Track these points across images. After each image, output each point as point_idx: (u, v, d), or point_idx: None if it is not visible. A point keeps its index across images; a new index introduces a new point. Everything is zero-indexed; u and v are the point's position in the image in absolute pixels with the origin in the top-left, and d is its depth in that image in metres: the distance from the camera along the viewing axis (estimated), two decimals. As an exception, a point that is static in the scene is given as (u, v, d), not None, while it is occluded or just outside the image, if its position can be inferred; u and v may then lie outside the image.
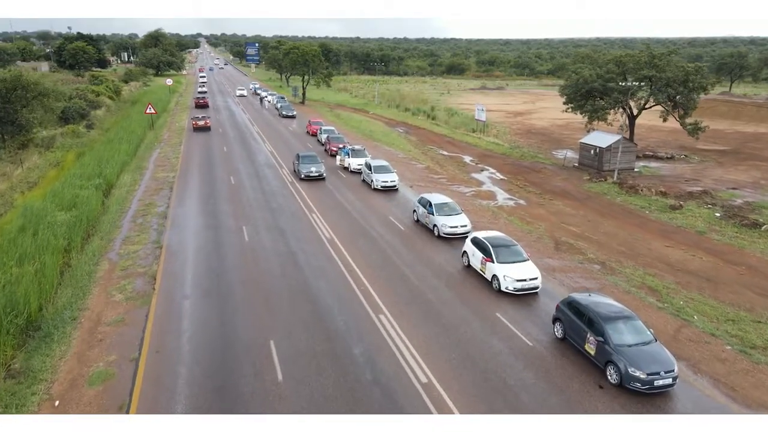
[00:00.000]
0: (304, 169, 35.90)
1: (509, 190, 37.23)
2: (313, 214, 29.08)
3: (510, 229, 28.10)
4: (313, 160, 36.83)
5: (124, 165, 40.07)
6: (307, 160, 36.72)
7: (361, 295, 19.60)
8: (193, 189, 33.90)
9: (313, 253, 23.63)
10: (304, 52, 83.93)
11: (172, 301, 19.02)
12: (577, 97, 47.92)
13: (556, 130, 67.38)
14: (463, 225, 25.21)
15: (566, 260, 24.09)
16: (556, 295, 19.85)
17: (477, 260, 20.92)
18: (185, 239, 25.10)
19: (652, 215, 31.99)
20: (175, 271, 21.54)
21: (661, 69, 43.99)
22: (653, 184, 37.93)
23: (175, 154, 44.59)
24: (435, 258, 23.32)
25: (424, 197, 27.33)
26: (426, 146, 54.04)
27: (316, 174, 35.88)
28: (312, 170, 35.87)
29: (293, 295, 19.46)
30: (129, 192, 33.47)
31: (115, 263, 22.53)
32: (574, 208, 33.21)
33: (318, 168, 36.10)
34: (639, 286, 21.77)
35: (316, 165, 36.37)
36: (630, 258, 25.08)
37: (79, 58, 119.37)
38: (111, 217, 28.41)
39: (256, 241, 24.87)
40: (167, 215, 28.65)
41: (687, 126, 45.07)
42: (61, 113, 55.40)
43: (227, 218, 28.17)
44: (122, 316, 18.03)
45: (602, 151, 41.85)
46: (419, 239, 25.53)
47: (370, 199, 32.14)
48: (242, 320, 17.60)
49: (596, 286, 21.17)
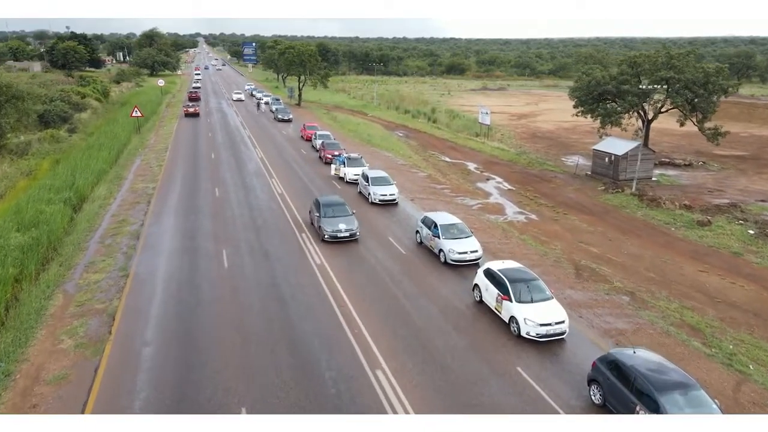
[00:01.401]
0: (328, 226, 24.42)
1: (519, 203, 34.20)
2: (303, 233, 26.01)
3: (524, 250, 25.08)
4: (340, 210, 25.40)
5: (101, 174, 36.99)
6: (331, 211, 25.18)
7: (354, 341, 16.54)
8: (173, 203, 30.82)
9: (301, 284, 20.56)
10: (300, 52, 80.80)
11: (129, 349, 15.95)
12: (588, 100, 44.95)
13: (563, 133, 64.39)
14: (473, 250, 22.13)
15: (590, 291, 21.05)
16: (586, 341, 16.83)
17: (491, 296, 17.86)
18: (156, 265, 22.03)
19: (678, 232, 28.97)
20: (138, 307, 18.47)
21: (680, 70, 40.97)
22: (675, 196, 34.92)
23: (159, 162, 41.51)
24: (441, 290, 20.25)
25: (428, 217, 24.25)
26: (427, 152, 51.01)
27: (347, 234, 24.42)
28: (341, 229, 24.34)
29: (274, 343, 16.38)
30: (102, 206, 30.38)
31: (71, 297, 19.45)
32: (592, 224, 30.20)
33: (348, 224, 24.59)
34: (678, 324, 18.75)
35: (346, 219, 24.87)
36: (662, 286, 22.07)
37: (70, 58, 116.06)
38: (76, 238, 25.33)
39: (237, 268, 21.80)
40: (140, 235, 25.58)
41: (706, 131, 42.16)
42: (41, 117, 52.36)
43: (207, 239, 25.09)
44: (67, 371, 14.95)
45: (618, 159, 38.83)
46: (423, 266, 22.45)
47: (367, 215, 29.09)
48: (209, 379, 14.51)
49: (631, 326, 18.13)
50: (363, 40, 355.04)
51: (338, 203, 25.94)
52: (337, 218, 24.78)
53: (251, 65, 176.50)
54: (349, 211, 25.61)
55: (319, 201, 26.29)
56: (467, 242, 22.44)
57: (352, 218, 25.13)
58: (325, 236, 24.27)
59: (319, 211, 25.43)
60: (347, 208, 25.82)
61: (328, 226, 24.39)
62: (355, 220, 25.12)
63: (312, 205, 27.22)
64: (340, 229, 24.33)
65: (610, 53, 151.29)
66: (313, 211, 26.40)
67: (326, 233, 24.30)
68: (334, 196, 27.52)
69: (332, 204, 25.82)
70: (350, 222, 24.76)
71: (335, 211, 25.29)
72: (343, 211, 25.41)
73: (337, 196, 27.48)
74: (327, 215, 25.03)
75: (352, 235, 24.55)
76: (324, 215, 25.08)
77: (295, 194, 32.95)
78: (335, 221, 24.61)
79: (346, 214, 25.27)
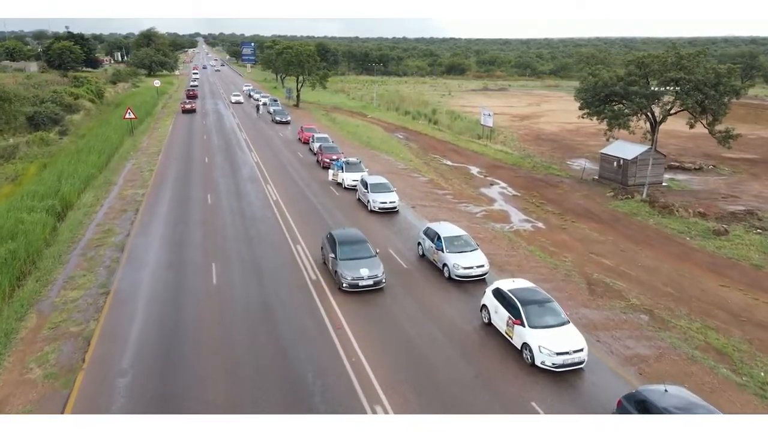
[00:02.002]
0: (347, 271, 19.56)
1: (525, 210, 32.73)
2: (298, 245, 24.52)
3: (532, 263, 23.61)
4: (361, 250, 20.69)
5: (89, 180, 35.47)
6: (350, 251, 20.49)
7: (351, 370, 15.05)
8: (162, 211, 29.34)
9: (294, 304, 19.07)
10: (298, 52, 79.25)
11: (102, 380, 14.46)
12: (595, 101, 43.45)
13: (567, 135, 62.88)
14: (480, 265, 20.64)
15: (605, 309, 19.58)
16: (606, 371, 15.35)
17: (501, 319, 16.37)
18: (139, 282, 20.55)
19: (694, 242, 27.50)
20: (117, 330, 16.99)
21: (690, 71, 39.47)
22: (688, 203, 33.45)
23: (150, 166, 40.01)
24: (446, 310, 18.76)
25: (431, 228, 22.75)
26: (428, 155, 49.54)
27: (370, 282, 19.59)
28: (362, 275, 19.49)
29: (263, 375, 14.86)
30: (87, 215, 28.90)
31: (46, 317, 17.98)
32: (602, 233, 28.74)
33: (373, 269, 19.81)
34: (703, 347, 17.29)
35: (369, 262, 20.08)
36: (681, 303, 20.60)
37: (66, 58, 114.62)
38: (57, 249, 23.85)
39: (226, 285, 20.32)
40: (125, 247, 24.09)
41: (716, 133, 40.68)
42: (30, 119, 50.90)
43: (195, 251, 23.61)
44: (32, 407, 13.47)
45: (627, 163, 37.36)
46: (426, 282, 20.95)
47: (365, 225, 27.62)
48: (191, 415, 13.04)
49: (653, 352, 16.65)
50: (363, 40, 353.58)
51: (358, 240, 21.31)
52: (357, 261, 19.95)
53: (250, 65, 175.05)
54: (371, 250, 20.94)
55: (334, 237, 21.28)
56: (473, 256, 20.94)
57: (376, 261, 20.41)
58: (343, 284, 19.53)
59: (335, 251, 20.52)
60: (369, 246, 21.11)
61: (346, 272, 19.55)
62: (380, 263, 20.44)
63: (324, 240, 22.23)
64: (362, 276, 19.45)
65: (612, 53, 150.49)
66: (327, 249, 21.53)
67: (344, 281, 19.50)
68: (352, 230, 22.62)
69: (351, 241, 21.07)
70: (374, 266, 20.01)
71: (355, 250, 20.52)
72: (364, 251, 20.68)
73: (355, 231, 22.58)
74: (345, 256, 20.17)
75: (377, 282, 19.72)
76: (341, 256, 20.18)
77: (290, 201, 31.46)
78: (355, 265, 19.74)
79: (368, 255, 20.53)
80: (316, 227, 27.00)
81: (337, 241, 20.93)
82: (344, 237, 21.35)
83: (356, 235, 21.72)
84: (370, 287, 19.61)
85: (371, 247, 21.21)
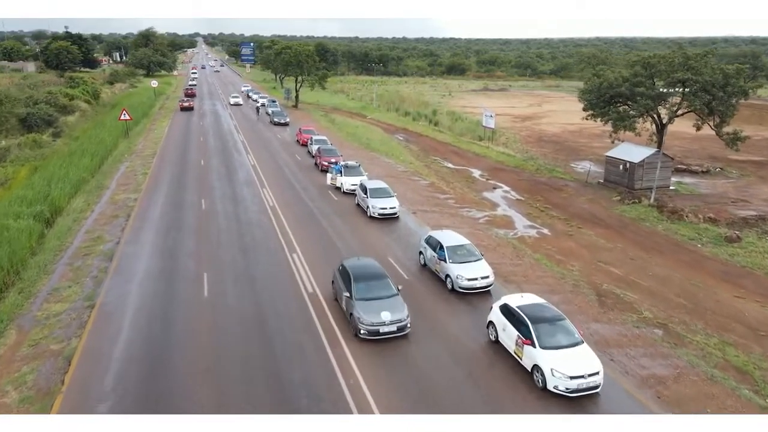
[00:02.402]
0: (365, 314, 16.28)
1: (529, 215, 31.74)
2: (294, 253, 23.50)
3: (538, 273, 22.63)
4: (381, 287, 17.40)
5: (80, 184, 34.47)
6: (366, 288, 17.19)
7: (348, 394, 14.03)
8: (155, 217, 28.33)
9: (290, 316, 18.08)
10: (297, 52, 78.18)
11: (81, 406, 13.44)
12: (599, 103, 42.49)
13: (569, 137, 61.91)
14: (484, 276, 19.63)
15: (617, 324, 18.59)
16: (622, 394, 14.34)
17: (509, 338, 15.35)
18: (127, 293, 19.55)
19: (705, 249, 26.52)
20: (100, 349, 15.98)
21: (697, 71, 38.52)
22: (697, 207, 32.46)
23: (145, 169, 39.00)
24: (450, 325, 17.76)
25: (433, 237, 21.73)
26: (429, 157, 48.56)
27: (393, 327, 16.32)
28: (383, 320, 16.21)
29: (255, 398, 13.89)
30: (77, 221, 27.90)
31: (26, 334, 16.98)
32: (610, 240, 27.75)
33: (395, 311, 16.52)
34: (722, 365, 16.31)
35: (391, 303, 16.79)
36: (696, 316, 19.63)
37: (63, 58, 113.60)
38: (43, 258, 22.85)
39: (218, 297, 19.32)
40: (114, 255, 23.08)
41: (724, 135, 39.71)
42: (23, 120, 49.89)
43: (187, 260, 22.61)
44: (4, 436, 12.48)
45: (634, 166, 36.35)
46: (428, 295, 19.93)
47: (364, 231, 26.66)
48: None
49: (670, 372, 15.64)
50: (362, 40, 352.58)
51: (377, 274, 17.91)
52: (377, 302, 16.67)
53: (249, 65, 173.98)
54: (393, 287, 17.50)
55: (347, 271, 17.89)
56: (477, 267, 19.93)
57: (398, 300, 17.05)
58: (361, 331, 16.21)
59: (349, 289, 17.15)
60: (390, 283, 17.70)
61: (365, 315, 16.20)
62: (404, 304, 17.07)
63: (335, 274, 18.88)
64: (383, 321, 16.16)
65: (612, 53, 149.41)
66: (339, 286, 18.11)
67: (362, 327, 16.14)
68: (369, 261, 19.02)
69: (368, 276, 17.62)
70: (397, 307, 16.70)
71: (373, 288, 17.18)
72: (385, 289, 17.31)
73: (372, 261, 19.07)
74: (362, 295, 16.85)
75: (402, 328, 16.45)
76: (357, 296, 16.85)
77: (287, 206, 30.45)
78: (375, 307, 16.43)
79: (389, 293, 17.17)
80: (311, 234, 26.04)
81: (352, 276, 17.50)
82: (360, 271, 17.86)
83: (374, 269, 18.33)
84: (392, 334, 16.33)
85: (392, 283, 17.85)
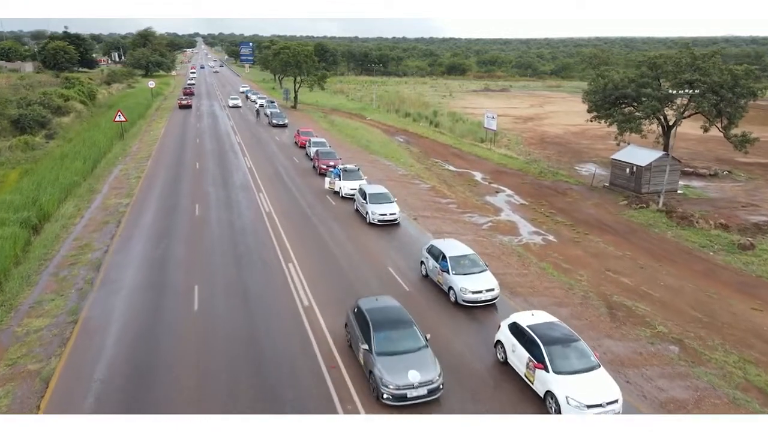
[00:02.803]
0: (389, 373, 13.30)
1: (534, 220, 30.73)
2: (290, 263, 22.47)
3: (546, 284, 21.62)
4: (407, 338, 14.36)
5: (71, 188, 33.47)
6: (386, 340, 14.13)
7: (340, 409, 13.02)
8: (146, 223, 27.33)
9: (283, 332, 17.07)
10: (295, 52, 77.13)
11: (57, 435, 12.45)
12: (604, 104, 41.52)
13: (572, 138, 60.93)
14: (489, 288, 18.62)
15: (631, 340, 17.58)
16: (639, 421, 13.31)
17: (519, 360, 14.28)
18: (113, 308, 18.53)
19: (718, 257, 25.52)
20: (80, 369, 14.97)
21: (705, 72, 37.55)
22: (707, 212, 31.47)
23: (138, 173, 37.99)
24: (454, 342, 16.73)
25: (435, 246, 20.71)
26: (430, 159, 47.57)
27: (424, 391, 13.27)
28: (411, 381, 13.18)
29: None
30: (65, 227, 26.91)
31: (3, 352, 15.97)
32: (618, 247, 26.75)
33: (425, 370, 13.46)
34: (744, 386, 15.32)
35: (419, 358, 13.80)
36: (712, 330, 18.63)
37: (60, 59, 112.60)
38: (27, 268, 21.83)
39: (209, 312, 18.31)
40: (101, 265, 22.07)
41: (732, 137, 38.73)
42: (16, 122, 48.90)
43: (178, 271, 21.59)
44: (-29, 470, 11.47)
45: (641, 170, 35.34)
46: (430, 308, 18.91)
47: (363, 239, 25.64)
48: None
49: (690, 395, 14.63)
50: (362, 40, 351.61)
51: (400, 320, 14.76)
52: (403, 357, 13.64)
53: (248, 66, 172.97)
54: (420, 337, 14.35)
55: (365, 315, 14.79)
56: (482, 278, 18.92)
57: (427, 354, 13.98)
58: (384, 395, 13.15)
59: (368, 339, 14.06)
60: (417, 331, 14.49)
61: (388, 375, 13.18)
62: (435, 359, 14.01)
63: (349, 316, 15.71)
64: (411, 383, 13.08)
65: (613, 53, 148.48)
66: (355, 334, 15.01)
67: (386, 391, 13.10)
68: (389, 302, 15.82)
69: (390, 322, 14.51)
70: (427, 364, 13.55)
71: (397, 338, 14.04)
72: (411, 340, 14.16)
73: (392, 302, 15.84)
74: (383, 349, 13.79)
75: (433, 391, 13.31)
76: (378, 349, 13.78)
77: (284, 213, 29.44)
78: (401, 364, 13.37)
79: (416, 346, 14.09)
80: (308, 243, 25.04)
81: (371, 323, 14.34)
82: (380, 316, 14.68)
83: (397, 312, 15.12)
84: (422, 398, 13.22)
85: (419, 331, 14.51)
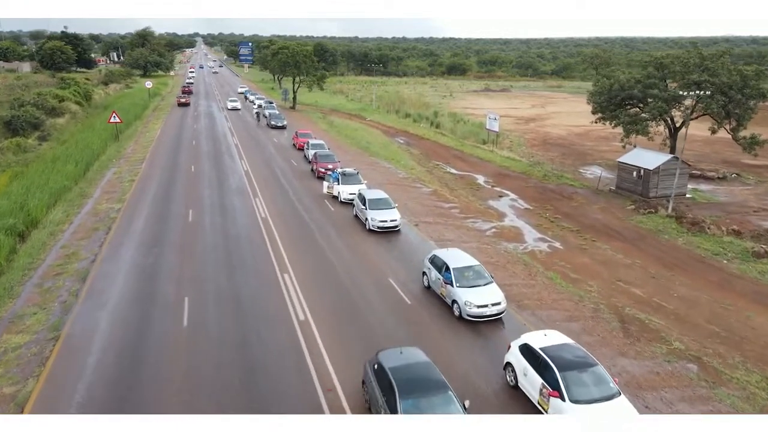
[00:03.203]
0: None
1: (539, 226, 29.71)
2: (286, 273, 21.45)
3: (554, 295, 20.60)
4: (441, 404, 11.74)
5: (62, 192, 32.44)
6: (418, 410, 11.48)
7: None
8: (137, 229, 26.31)
9: (278, 349, 16.07)
10: (294, 52, 76.08)
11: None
12: (610, 105, 40.51)
13: (576, 140, 59.89)
14: (496, 302, 17.59)
15: (646, 358, 16.56)
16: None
17: (532, 386, 13.21)
18: (97, 323, 17.51)
19: (732, 266, 24.48)
20: (57, 394, 13.95)
21: (714, 73, 36.55)
22: (718, 217, 30.48)
23: (132, 176, 36.96)
24: (459, 363, 15.68)
25: (438, 256, 19.68)
26: (431, 162, 46.53)
27: None
28: None
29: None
30: (53, 234, 25.88)
31: (-22, 373, 14.97)
32: (627, 254, 25.72)
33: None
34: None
35: None
36: (732, 346, 17.61)
37: (57, 59, 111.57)
38: (10, 279, 20.82)
39: (199, 326, 17.29)
40: (88, 275, 21.04)
41: (740, 140, 37.75)
42: (8, 123, 47.91)
43: (167, 282, 20.57)
44: None
45: (648, 173, 34.31)
46: (433, 323, 17.89)
47: (362, 247, 24.62)
48: None
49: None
50: (362, 40, 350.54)
51: (432, 382, 12.20)
52: None
53: (247, 65, 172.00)
54: (458, 404, 11.84)
55: (387, 373, 12.30)
56: (487, 291, 17.89)
57: None
58: None
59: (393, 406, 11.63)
60: (452, 396, 11.97)
61: None
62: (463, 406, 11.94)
63: (368, 373, 13.18)
64: None
65: (614, 53, 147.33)
66: (375, 397, 12.47)
67: None
68: (416, 354, 13.28)
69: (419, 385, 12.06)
70: None
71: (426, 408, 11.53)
72: (445, 407, 11.67)
73: (421, 356, 13.23)
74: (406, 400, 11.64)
75: None
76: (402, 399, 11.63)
77: (280, 218, 28.43)
78: None
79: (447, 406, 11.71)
80: (305, 251, 24.03)
81: (397, 386, 11.79)
82: (407, 376, 12.08)
83: (427, 371, 12.47)
84: None
85: (455, 397, 11.99)
